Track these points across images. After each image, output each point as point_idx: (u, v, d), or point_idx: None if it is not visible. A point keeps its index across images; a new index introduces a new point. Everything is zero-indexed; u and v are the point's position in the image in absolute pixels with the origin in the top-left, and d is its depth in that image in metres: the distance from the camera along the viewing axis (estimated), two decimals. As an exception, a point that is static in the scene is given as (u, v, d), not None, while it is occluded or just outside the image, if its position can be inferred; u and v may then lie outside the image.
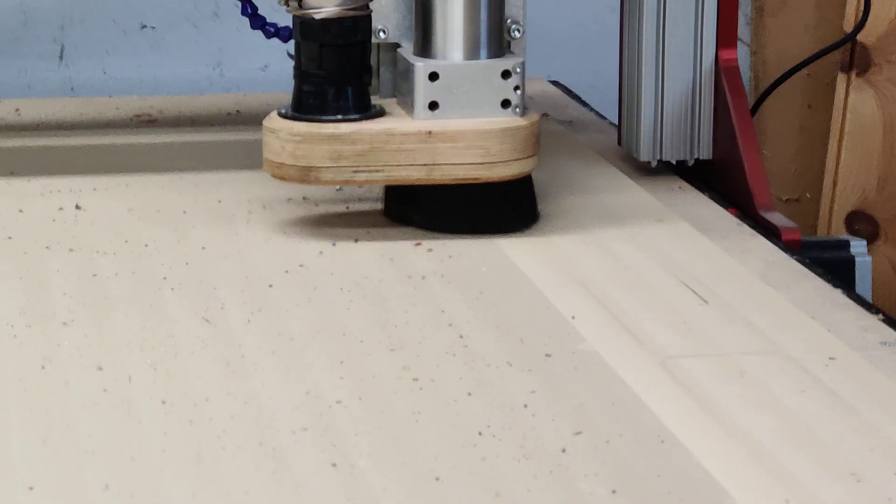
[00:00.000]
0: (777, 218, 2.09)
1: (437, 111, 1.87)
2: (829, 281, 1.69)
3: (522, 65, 1.89)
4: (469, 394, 1.24)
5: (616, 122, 2.36)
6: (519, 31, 1.94)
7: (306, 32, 1.87)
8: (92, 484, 0.99)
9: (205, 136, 2.30)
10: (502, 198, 1.92)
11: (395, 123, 1.87)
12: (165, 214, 1.83)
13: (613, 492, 1.01)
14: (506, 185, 1.90)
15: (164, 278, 1.55)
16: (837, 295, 1.64)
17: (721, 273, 1.71)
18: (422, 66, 1.86)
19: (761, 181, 2.18)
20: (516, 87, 1.89)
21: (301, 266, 1.62)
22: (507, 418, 1.17)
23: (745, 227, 1.93)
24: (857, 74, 2.75)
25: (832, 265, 1.91)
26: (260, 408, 1.16)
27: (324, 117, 1.84)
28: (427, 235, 1.83)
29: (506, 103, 1.88)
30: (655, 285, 1.60)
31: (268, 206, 1.88)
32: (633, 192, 2.14)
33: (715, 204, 2.04)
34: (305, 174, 1.82)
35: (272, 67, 2.71)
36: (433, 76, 1.86)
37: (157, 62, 2.79)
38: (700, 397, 1.25)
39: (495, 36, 1.93)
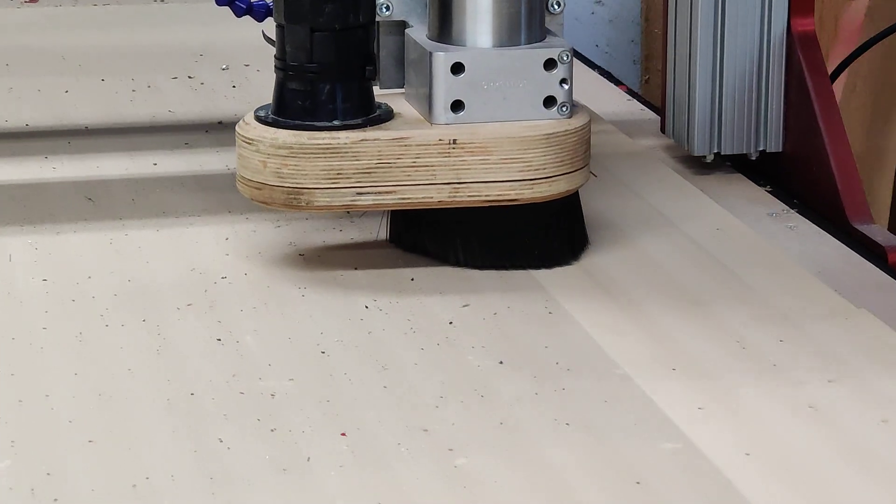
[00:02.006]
0: (878, 233, 1.59)
1: (462, 113, 1.37)
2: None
3: (570, 51, 1.47)
4: (355, 268, 1.24)
5: (658, 105, 1.97)
6: (560, 3, 1.52)
7: (293, 13, 1.40)
8: (-30, 364, 0.99)
9: (87, 13, 2.29)
10: (546, 222, 1.46)
11: (408, 130, 1.30)
12: (46, 95, 1.82)
13: (501, 363, 1.02)
14: (550, 205, 1.45)
15: (46, 157, 1.55)
16: (727, 168, 1.66)
17: (611, 147, 1.69)
18: (442, 56, 1.34)
19: (854, 183, 1.67)
20: (563, 81, 1.43)
21: (186, 145, 1.61)
22: (394, 292, 1.17)
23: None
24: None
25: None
26: (144, 285, 1.16)
27: (317, 123, 1.40)
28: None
29: (550, 101, 1.36)
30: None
31: (153, 85, 1.88)
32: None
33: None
34: (295, 198, 1.35)
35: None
36: (457, 68, 1.42)
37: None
38: (587, 268, 1.26)
39: (535, 13, 1.54)
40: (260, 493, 0.85)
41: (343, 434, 0.90)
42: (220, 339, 1.02)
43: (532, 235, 1.42)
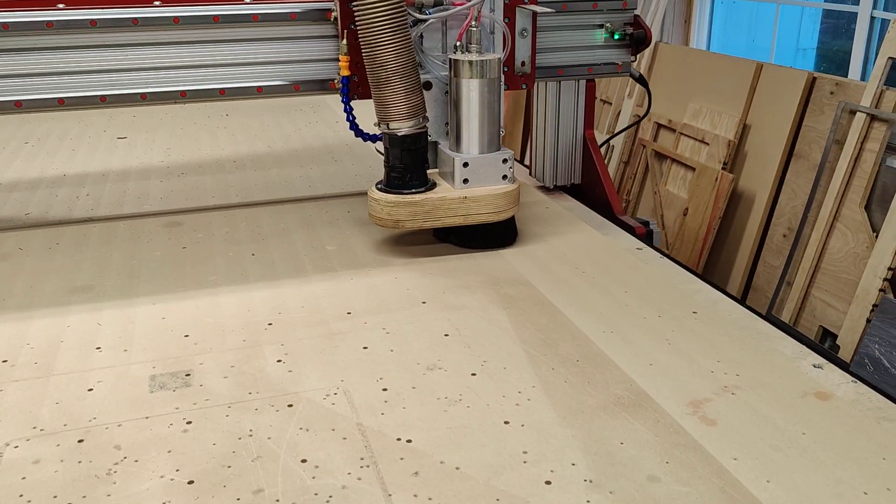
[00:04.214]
0: (630, 220, 3.53)
1: (468, 184, 3.17)
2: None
3: (512, 155, 3.22)
4: (422, 245, 2.82)
5: (527, 164, 4.33)
6: (503, 130, 3.23)
7: (393, 142, 3.12)
8: None
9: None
10: (501, 229, 3.23)
11: (445, 193, 3.14)
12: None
13: (480, 279, 2.59)
14: (505, 222, 3.23)
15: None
16: (558, 190, 4.07)
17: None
18: (459, 158, 3.17)
19: (615, 197, 3.55)
20: (510, 167, 3.22)
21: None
22: (436, 255, 3.31)
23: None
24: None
25: (644, 236, 3.45)
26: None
27: (404, 191, 3.13)
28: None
29: (504, 177, 3.22)
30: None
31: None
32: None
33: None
34: (395, 224, 3.10)
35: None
36: (465, 164, 3.17)
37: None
38: (517, 247, 3.39)
39: (495, 138, 3.23)
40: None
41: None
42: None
43: (497, 234, 3.19)
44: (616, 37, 3.77)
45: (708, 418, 2.18)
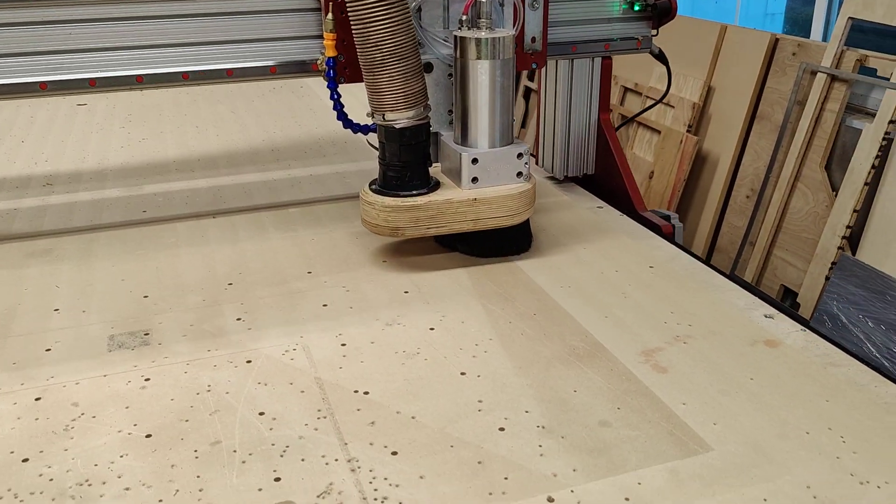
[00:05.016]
0: (654, 216, 3.16)
1: (477, 183, 2.69)
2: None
3: (528, 148, 2.74)
4: (423, 256, 2.68)
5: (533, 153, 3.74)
6: (514, 118, 2.75)
7: (389, 136, 2.61)
8: None
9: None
10: (514, 233, 2.78)
11: (451, 194, 2.66)
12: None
13: (488, 285, 2.04)
14: (518, 225, 2.77)
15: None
16: (568, 181, 3.54)
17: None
18: (467, 155, 2.66)
19: (635, 190, 3.20)
20: (525, 163, 2.74)
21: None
22: (439, 265, 2.68)
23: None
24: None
25: (672, 234, 3.13)
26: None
27: (403, 193, 2.62)
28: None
29: (519, 174, 2.74)
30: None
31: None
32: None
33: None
34: (394, 232, 2.64)
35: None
36: (474, 160, 2.67)
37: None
38: (531, 254, 2.85)
39: (508, 130, 2.71)
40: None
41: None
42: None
43: (510, 240, 2.78)
44: (636, 8, 3.35)
45: (659, 366, 2.22)
